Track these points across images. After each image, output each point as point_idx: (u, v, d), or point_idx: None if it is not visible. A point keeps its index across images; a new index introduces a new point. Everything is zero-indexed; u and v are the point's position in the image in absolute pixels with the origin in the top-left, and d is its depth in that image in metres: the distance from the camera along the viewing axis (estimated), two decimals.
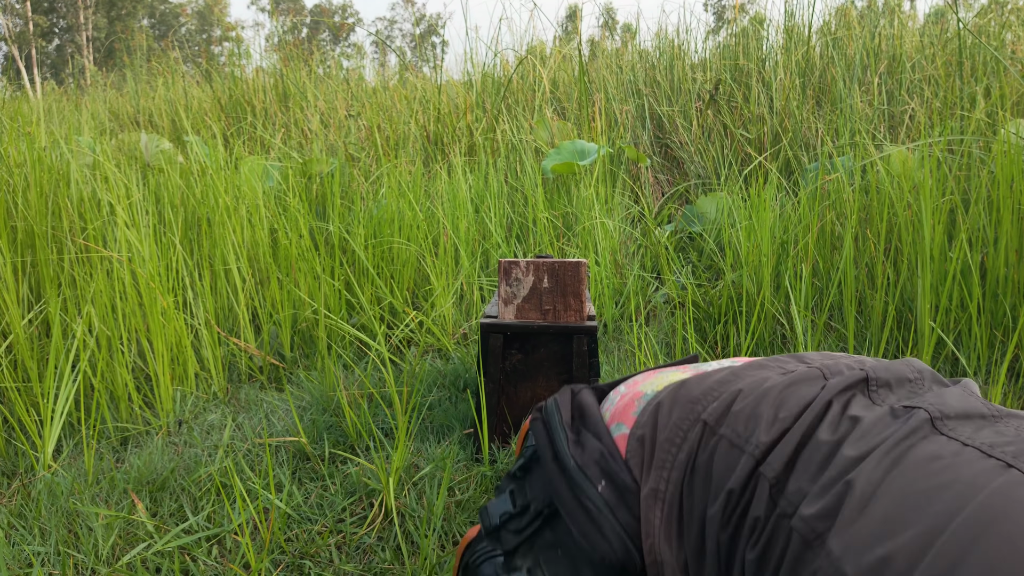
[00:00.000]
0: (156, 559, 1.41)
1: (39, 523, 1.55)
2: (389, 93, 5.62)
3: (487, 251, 3.22)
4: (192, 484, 1.68)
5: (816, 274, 2.75)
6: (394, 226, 3.06)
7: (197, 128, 5.34)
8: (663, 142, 4.55)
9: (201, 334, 2.40)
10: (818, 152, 3.88)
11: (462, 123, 4.59)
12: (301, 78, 5.91)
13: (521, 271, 1.75)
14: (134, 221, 2.44)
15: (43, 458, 1.83)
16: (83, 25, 33.49)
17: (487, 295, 3.02)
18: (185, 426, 2.10)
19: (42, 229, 2.49)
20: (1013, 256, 2.25)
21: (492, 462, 1.74)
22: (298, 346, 2.68)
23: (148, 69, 8.02)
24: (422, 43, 21.48)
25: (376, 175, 3.82)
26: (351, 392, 2.13)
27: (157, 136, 4.04)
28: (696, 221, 3.53)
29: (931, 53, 4.44)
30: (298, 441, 1.84)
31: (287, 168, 3.46)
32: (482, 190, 3.57)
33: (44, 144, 3.05)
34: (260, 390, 2.38)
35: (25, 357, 2.05)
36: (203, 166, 3.04)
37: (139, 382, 2.34)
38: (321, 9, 49.00)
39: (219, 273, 2.68)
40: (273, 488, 1.54)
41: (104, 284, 2.24)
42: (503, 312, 1.79)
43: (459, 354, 2.47)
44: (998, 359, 2.20)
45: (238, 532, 1.49)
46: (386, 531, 1.49)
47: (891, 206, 2.64)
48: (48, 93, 8.83)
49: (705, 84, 4.67)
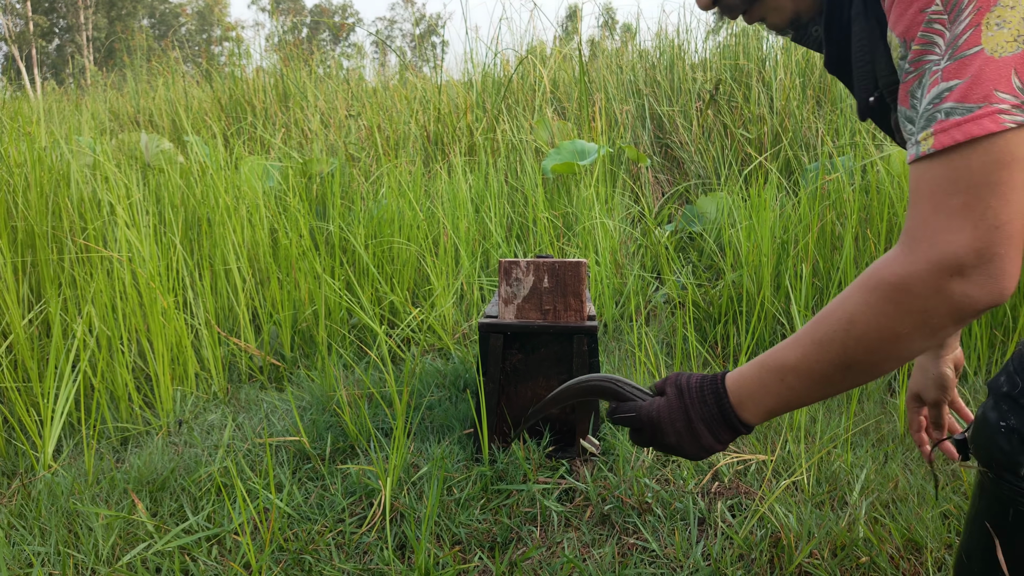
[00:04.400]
0: (156, 559, 1.41)
1: (39, 523, 1.55)
2: (389, 93, 5.63)
3: (487, 251, 3.22)
4: (192, 484, 1.68)
5: (816, 274, 2.75)
6: (394, 226, 3.06)
7: (197, 128, 5.35)
8: (663, 142, 4.55)
9: (201, 334, 2.40)
10: (818, 152, 3.88)
11: (462, 123, 4.59)
12: (301, 78, 5.91)
13: (521, 271, 1.75)
14: (134, 221, 2.44)
15: (43, 458, 1.83)
16: (83, 25, 33.51)
17: (487, 295, 3.02)
18: (185, 426, 2.10)
19: (42, 229, 2.49)
20: None
21: (492, 462, 1.74)
22: (298, 346, 2.68)
23: (148, 69, 8.02)
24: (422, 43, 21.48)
25: (376, 175, 3.82)
26: (351, 392, 2.13)
27: (157, 136, 4.04)
28: (696, 221, 3.53)
29: None
30: (298, 441, 1.84)
31: (287, 168, 3.46)
32: (482, 190, 3.57)
33: (44, 144, 3.05)
34: (260, 390, 2.38)
35: (25, 357, 2.05)
36: (203, 166, 3.04)
37: (139, 382, 2.35)
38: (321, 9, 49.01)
39: (219, 273, 2.68)
40: (273, 488, 1.54)
41: (104, 284, 2.24)
42: (503, 312, 1.79)
43: (459, 354, 2.47)
44: (998, 359, 2.20)
45: (238, 532, 1.49)
46: (385, 530, 1.49)
47: (891, 206, 2.64)
48: (48, 93, 8.83)
49: (705, 84, 4.67)
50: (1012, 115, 0.63)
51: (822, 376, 0.75)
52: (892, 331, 0.69)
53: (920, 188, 0.68)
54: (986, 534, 0.82)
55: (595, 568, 1.40)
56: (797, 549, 1.39)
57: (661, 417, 0.86)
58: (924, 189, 0.67)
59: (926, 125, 0.67)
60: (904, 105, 0.70)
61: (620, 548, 1.47)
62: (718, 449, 0.85)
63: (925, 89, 0.67)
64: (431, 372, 2.27)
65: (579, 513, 1.59)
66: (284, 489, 1.65)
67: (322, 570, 1.39)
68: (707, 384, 0.85)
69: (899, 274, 0.68)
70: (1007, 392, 0.79)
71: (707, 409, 0.84)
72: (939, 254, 0.66)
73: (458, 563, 1.42)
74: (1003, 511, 0.79)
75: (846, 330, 0.72)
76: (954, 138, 0.64)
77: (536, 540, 1.50)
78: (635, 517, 1.55)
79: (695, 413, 0.84)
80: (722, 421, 0.83)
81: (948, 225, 0.66)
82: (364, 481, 1.65)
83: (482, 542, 1.48)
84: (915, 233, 0.67)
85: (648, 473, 1.71)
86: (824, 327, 0.74)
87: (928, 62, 0.67)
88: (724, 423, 0.83)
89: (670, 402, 0.86)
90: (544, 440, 1.76)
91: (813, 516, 1.48)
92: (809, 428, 1.89)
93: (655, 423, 0.86)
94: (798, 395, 0.78)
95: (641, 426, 0.87)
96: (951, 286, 0.66)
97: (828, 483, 1.66)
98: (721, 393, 0.83)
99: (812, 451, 1.75)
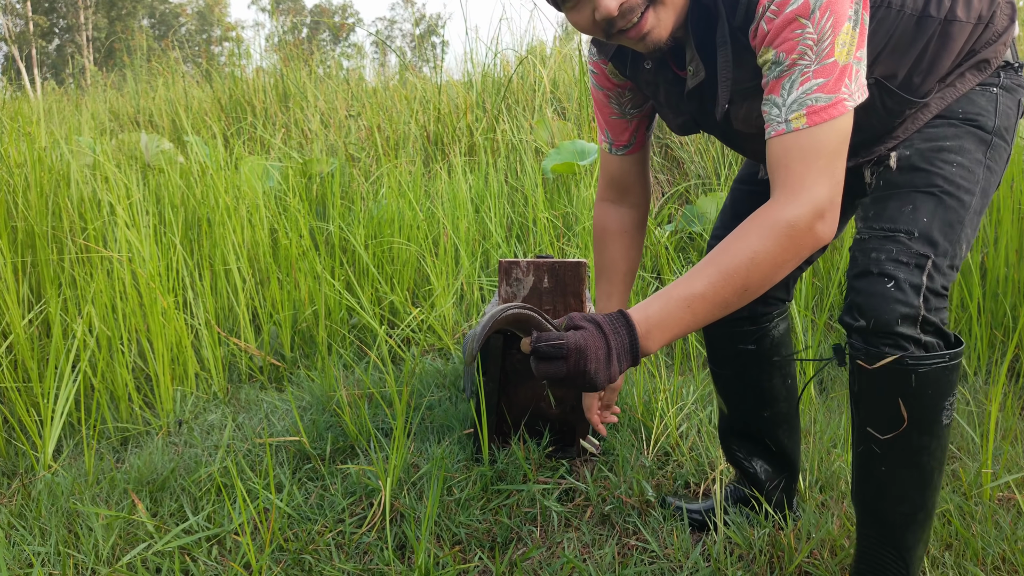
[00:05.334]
0: (156, 559, 1.41)
1: (39, 523, 1.55)
2: (389, 93, 5.62)
3: (487, 251, 3.22)
4: (192, 484, 1.68)
5: (816, 274, 2.75)
6: (394, 226, 3.06)
7: (197, 128, 5.34)
8: (663, 142, 4.54)
9: (201, 334, 2.40)
10: None
11: (462, 123, 4.59)
12: (301, 78, 5.91)
13: (521, 271, 1.75)
14: (134, 221, 2.44)
15: (43, 458, 1.83)
16: (83, 25, 33.49)
17: (487, 295, 3.02)
18: (185, 426, 2.10)
19: (42, 229, 2.49)
20: (1013, 256, 2.25)
21: (492, 462, 1.74)
22: (298, 346, 2.68)
23: (148, 69, 8.02)
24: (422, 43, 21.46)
25: (376, 175, 3.82)
26: (351, 392, 2.13)
27: (157, 136, 4.04)
28: (696, 221, 3.53)
29: None
30: (298, 441, 1.84)
31: (287, 168, 3.46)
32: (482, 190, 3.57)
33: (44, 144, 3.05)
34: (260, 390, 2.38)
35: (25, 357, 2.05)
36: (203, 166, 3.04)
37: (139, 382, 2.35)
38: (321, 9, 49.01)
39: (219, 273, 2.68)
40: (273, 488, 1.54)
41: (104, 284, 2.24)
42: None
43: (459, 354, 2.47)
44: (998, 359, 2.20)
45: (238, 532, 1.49)
46: (385, 531, 1.49)
47: None
48: (48, 93, 8.83)
49: None
50: (852, 101, 0.95)
51: (723, 301, 0.94)
52: (782, 261, 0.93)
53: (792, 153, 0.94)
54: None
55: (595, 568, 1.40)
56: (797, 549, 1.39)
57: (588, 345, 0.93)
58: (796, 154, 0.93)
59: (798, 108, 0.94)
60: (775, 94, 0.97)
61: (620, 548, 1.47)
62: (613, 380, 0.95)
63: (796, 84, 0.94)
64: (431, 372, 2.27)
65: (579, 513, 1.59)
66: (284, 489, 1.65)
67: (322, 570, 1.39)
68: (617, 318, 0.96)
69: (788, 217, 0.92)
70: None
71: (620, 340, 0.95)
72: (813, 200, 0.92)
73: (458, 563, 1.42)
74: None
75: (750, 260, 0.92)
76: (822, 118, 0.93)
77: (536, 540, 1.50)
78: (635, 517, 1.55)
79: (614, 343, 0.94)
80: (629, 352, 0.95)
81: (817, 180, 0.92)
82: (364, 481, 1.65)
83: (482, 542, 1.49)
84: (795, 186, 0.93)
85: (648, 476, 1.71)
86: (729, 260, 0.93)
87: (800, 65, 0.95)
88: (630, 354, 0.95)
89: (592, 333, 0.94)
90: (544, 440, 1.76)
91: (813, 516, 1.48)
92: (809, 428, 1.89)
93: (582, 351, 0.93)
94: (700, 319, 0.95)
95: (567, 354, 0.93)
96: (817, 225, 0.93)
97: (828, 483, 1.66)
98: (631, 326, 0.95)
99: (812, 451, 1.75)
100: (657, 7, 1.01)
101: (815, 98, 0.93)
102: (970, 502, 1.53)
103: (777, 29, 0.96)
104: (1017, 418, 1.90)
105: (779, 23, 0.95)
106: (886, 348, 1.01)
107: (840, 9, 0.93)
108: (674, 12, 1.03)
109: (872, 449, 1.07)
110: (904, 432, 1.04)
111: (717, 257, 0.94)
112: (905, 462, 1.07)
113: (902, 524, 1.11)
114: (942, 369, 1.02)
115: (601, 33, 1.05)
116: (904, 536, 1.11)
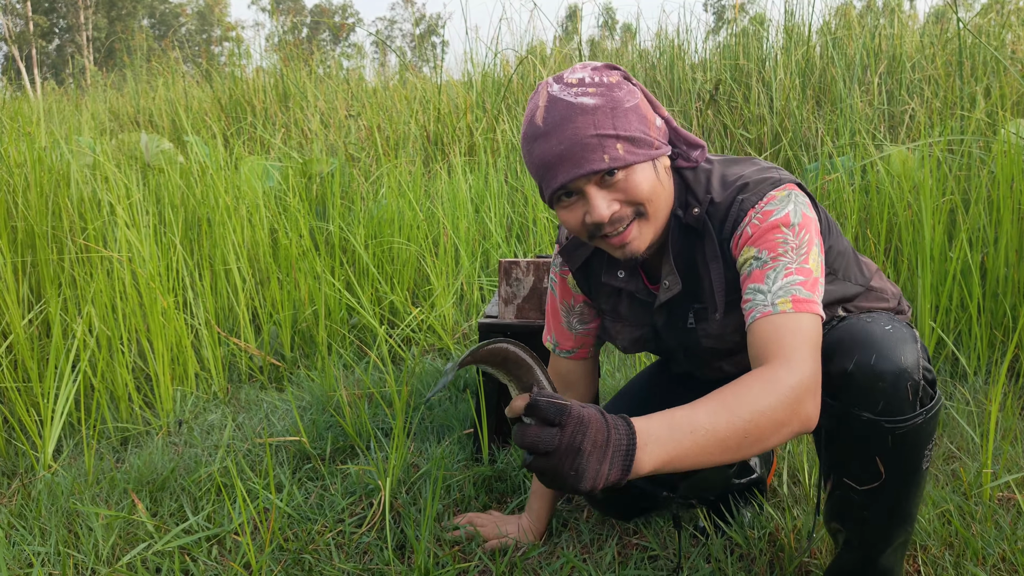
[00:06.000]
0: (156, 559, 1.41)
1: (39, 523, 1.55)
2: (389, 93, 5.63)
3: (487, 251, 3.22)
4: (192, 484, 1.68)
5: None
6: (394, 226, 3.06)
7: (197, 128, 5.35)
8: None
9: (201, 334, 2.40)
10: (818, 152, 3.88)
11: (462, 123, 4.59)
12: (301, 78, 5.91)
13: (521, 271, 1.75)
14: (134, 221, 2.44)
15: (43, 458, 1.83)
16: (83, 25, 33.51)
17: (487, 295, 3.02)
18: (185, 426, 2.10)
19: (42, 229, 2.49)
20: (1013, 256, 2.25)
21: (492, 462, 1.74)
22: (298, 346, 2.68)
23: (148, 69, 8.02)
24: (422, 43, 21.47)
25: (376, 175, 3.82)
26: (351, 392, 2.13)
27: (157, 136, 4.04)
28: None
29: (931, 53, 4.43)
30: (298, 441, 1.84)
31: (287, 168, 3.46)
32: (482, 190, 3.57)
33: (44, 144, 3.05)
34: (260, 390, 2.38)
35: (25, 357, 2.05)
36: (203, 166, 3.04)
37: (139, 382, 2.35)
38: (321, 9, 49.01)
39: (219, 273, 2.68)
40: (273, 488, 1.54)
41: (104, 284, 2.24)
42: (503, 312, 1.79)
43: (459, 354, 2.47)
44: (998, 359, 2.20)
45: (238, 532, 1.49)
46: (385, 530, 1.49)
47: (891, 206, 2.64)
48: (48, 93, 8.83)
49: (705, 84, 4.67)
50: (820, 310, 1.02)
51: (723, 440, 0.89)
52: (783, 419, 0.92)
53: (783, 330, 0.99)
54: None
55: (595, 568, 1.40)
56: (797, 549, 1.39)
57: (592, 421, 0.81)
58: (788, 331, 0.98)
59: (784, 295, 1.01)
60: (759, 283, 1.04)
61: (620, 548, 1.47)
62: (598, 487, 0.81)
63: (780, 276, 1.02)
64: (431, 372, 2.27)
65: (579, 513, 1.59)
66: (284, 489, 1.65)
67: (322, 570, 1.39)
68: (618, 417, 0.85)
69: (791, 381, 0.93)
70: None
71: (620, 438, 0.82)
72: (808, 373, 0.95)
73: (458, 563, 1.42)
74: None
75: (759, 412, 0.90)
76: (805, 308, 1.00)
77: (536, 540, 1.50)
78: None
79: (613, 435, 0.82)
80: (624, 454, 0.82)
81: (807, 358, 0.96)
82: (364, 481, 1.65)
83: (482, 542, 1.48)
84: (790, 357, 0.96)
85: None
86: (734, 400, 0.91)
87: (783, 261, 1.03)
88: (624, 457, 0.82)
89: (596, 415, 0.83)
90: None
91: (813, 516, 1.48)
92: None
93: (583, 423, 0.81)
94: (699, 449, 0.88)
95: (566, 423, 0.81)
96: (809, 400, 0.94)
97: None
98: (632, 430, 0.84)
99: (813, 451, 1.75)
100: (641, 222, 1.09)
101: (798, 290, 1.01)
102: (970, 502, 1.53)
103: (761, 232, 1.06)
104: (1017, 418, 1.90)
105: (764, 228, 1.06)
106: (863, 413, 1.04)
107: (812, 231, 1.07)
108: (655, 229, 1.11)
109: (850, 497, 1.10)
110: (884, 484, 1.07)
111: (720, 395, 0.91)
112: (886, 508, 1.10)
113: (882, 550, 1.14)
114: (920, 425, 1.03)
115: (586, 234, 1.10)
116: (886, 558, 1.15)
